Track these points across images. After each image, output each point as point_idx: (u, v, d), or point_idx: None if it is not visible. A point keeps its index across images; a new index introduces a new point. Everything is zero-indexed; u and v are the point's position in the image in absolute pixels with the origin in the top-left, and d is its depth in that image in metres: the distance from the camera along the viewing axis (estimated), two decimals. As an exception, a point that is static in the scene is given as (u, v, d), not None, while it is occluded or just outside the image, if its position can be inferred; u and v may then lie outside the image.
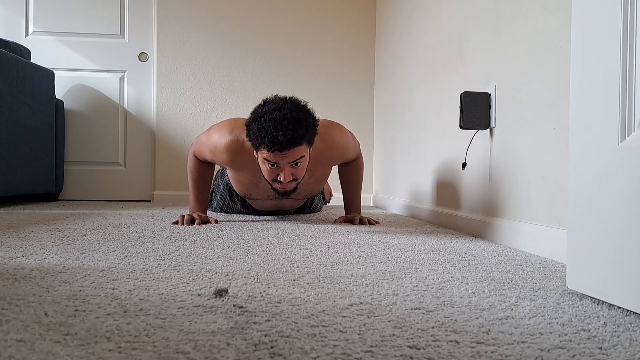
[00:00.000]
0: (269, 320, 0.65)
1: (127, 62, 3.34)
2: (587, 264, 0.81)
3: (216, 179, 2.31)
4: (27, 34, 3.27)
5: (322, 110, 3.18)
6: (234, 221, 1.99)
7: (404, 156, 2.70)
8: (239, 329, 0.61)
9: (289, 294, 0.80)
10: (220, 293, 0.78)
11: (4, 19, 3.25)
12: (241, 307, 0.71)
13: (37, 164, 2.80)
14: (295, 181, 1.75)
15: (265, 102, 1.68)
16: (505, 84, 1.54)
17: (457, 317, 0.69)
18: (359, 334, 0.61)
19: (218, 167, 2.34)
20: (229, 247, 1.30)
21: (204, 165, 2.01)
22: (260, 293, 0.80)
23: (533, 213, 1.36)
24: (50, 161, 2.96)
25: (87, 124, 3.33)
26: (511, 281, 0.94)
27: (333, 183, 3.10)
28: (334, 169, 2.12)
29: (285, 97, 1.69)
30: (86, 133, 3.33)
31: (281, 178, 1.68)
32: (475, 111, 1.63)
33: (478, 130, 1.67)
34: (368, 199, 3.45)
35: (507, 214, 1.50)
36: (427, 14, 2.32)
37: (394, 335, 0.61)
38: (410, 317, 0.69)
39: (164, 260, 1.08)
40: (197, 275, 0.93)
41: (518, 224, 1.41)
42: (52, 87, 2.98)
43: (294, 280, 0.90)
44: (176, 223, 1.84)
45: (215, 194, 2.31)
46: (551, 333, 0.63)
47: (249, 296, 0.78)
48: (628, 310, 0.74)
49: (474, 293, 0.83)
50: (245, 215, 2.25)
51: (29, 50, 2.96)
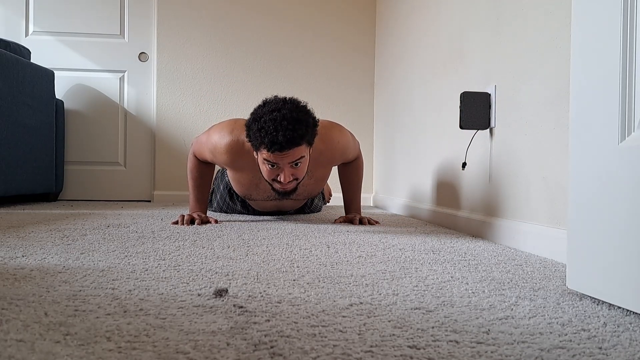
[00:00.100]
0: (269, 320, 0.65)
1: (127, 62, 3.34)
2: (587, 264, 0.81)
3: (216, 179, 2.31)
4: (27, 34, 3.27)
5: (322, 110, 3.18)
6: (234, 221, 1.99)
7: (404, 156, 2.70)
8: (239, 329, 0.61)
9: (289, 294, 0.80)
10: (220, 293, 0.78)
11: (4, 19, 3.25)
12: (241, 307, 0.71)
13: (37, 164, 2.80)
14: (296, 181, 1.75)
15: (265, 103, 1.68)
16: (505, 84, 1.54)
17: (457, 317, 0.69)
18: (359, 334, 0.61)
19: (218, 168, 2.34)
20: (229, 247, 1.30)
21: (204, 166, 2.01)
22: (260, 293, 0.80)
23: (533, 213, 1.36)
24: (50, 161, 2.96)
25: (87, 124, 3.33)
26: (511, 281, 0.94)
27: (333, 183, 3.10)
28: (334, 169, 2.12)
29: (285, 98, 1.68)
30: (86, 133, 3.33)
31: (281, 178, 1.68)
32: (475, 111, 1.63)
33: (478, 130, 1.67)
34: (368, 199, 3.45)
35: (507, 214, 1.50)
36: (427, 14, 2.32)
37: (394, 335, 0.61)
38: (410, 317, 0.69)
39: (164, 260, 1.08)
40: (197, 275, 0.93)
41: (518, 224, 1.41)
42: (52, 87, 2.98)
43: (294, 280, 0.90)
44: (176, 223, 1.84)
45: (215, 194, 2.31)
46: (551, 333, 0.63)
47: (249, 296, 0.78)
48: (628, 310, 0.74)
49: (474, 293, 0.84)
50: (245, 215, 2.25)
51: (29, 50, 2.96)
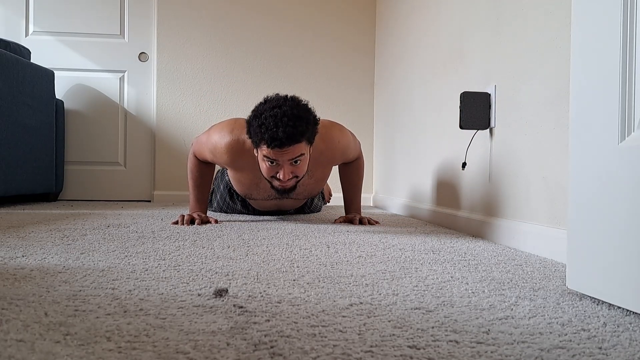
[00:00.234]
0: (269, 320, 0.65)
1: (127, 62, 3.34)
2: (587, 264, 0.81)
3: (216, 179, 2.31)
4: (27, 34, 3.27)
5: (322, 110, 3.17)
6: (234, 221, 1.99)
7: (404, 156, 2.70)
8: (239, 329, 0.61)
9: (289, 294, 0.80)
10: (220, 293, 0.78)
11: (4, 19, 3.25)
12: (241, 307, 0.71)
13: (37, 164, 2.80)
14: (295, 179, 1.74)
15: (267, 100, 1.68)
16: (505, 84, 1.54)
17: (457, 317, 0.69)
18: (359, 334, 0.61)
19: (218, 167, 2.34)
20: (229, 247, 1.30)
21: (204, 166, 2.01)
22: (260, 293, 0.80)
23: (533, 213, 1.36)
24: (50, 161, 2.96)
25: (87, 124, 3.33)
26: (511, 281, 0.94)
27: (333, 183, 3.10)
28: (335, 168, 2.12)
29: (287, 95, 1.69)
30: (86, 133, 3.33)
31: (280, 176, 1.68)
32: (475, 111, 1.63)
33: (478, 130, 1.67)
34: (368, 199, 3.45)
35: (507, 214, 1.50)
36: (427, 14, 2.32)
37: (394, 335, 0.61)
38: (410, 317, 0.69)
39: (164, 260, 1.08)
40: (197, 275, 0.93)
41: (518, 224, 1.41)
42: (52, 87, 2.98)
43: (294, 280, 0.90)
44: (176, 223, 1.84)
45: (215, 194, 2.31)
46: (551, 333, 0.63)
47: (249, 296, 0.78)
48: (628, 310, 0.74)
49: (473, 293, 0.84)
50: (245, 215, 2.25)
51: (29, 50, 2.96)
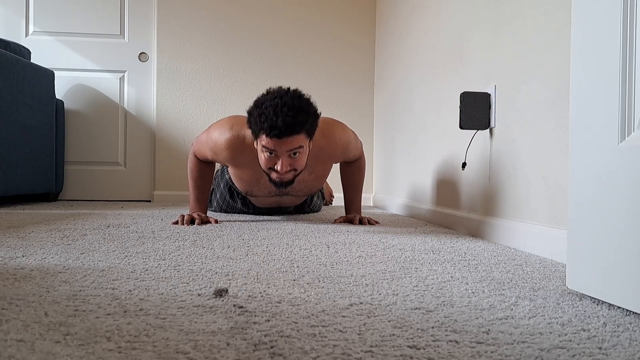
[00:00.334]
0: (269, 320, 0.65)
1: (127, 62, 3.34)
2: (587, 264, 0.81)
3: (216, 178, 2.31)
4: (27, 34, 3.26)
5: (322, 110, 3.14)
6: (234, 221, 1.99)
7: (403, 156, 2.70)
8: (239, 329, 0.61)
9: (289, 294, 0.80)
10: (220, 293, 0.78)
11: (4, 19, 3.25)
12: (241, 307, 0.71)
13: (37, 164, 2.80)
14: (294, 172, 1.74)
15: (268, 92, 1.69)
16: (505, 84, 1.54)
17: (457, 317, 0.69)
18: (359, 334, 0.61)
19: (218, 167, 2.34)
20: (229, 247, 1.30)
21: (204, 165, 2.01)
22: (260, 293, 0.80)
23: (533, 213, 1.36)
24: (50, 161, 2.96)
25: (87, 124, 3.33)
26: (511, 281, 0.94)
27: (333, 183, 3.11)
28: (336, 168, 2.12)
29: (289, 88, 1.70)
30: (86, 133, 3.33)
31: (278, 167, 1.68)
32: (475, 111, 1.63)
33: (478, 130, 1.67)
34: (368, 199, 3.45)
35: (507, 214, 1.50)
36: (427, 14, 2.32)
37: (394, 335, 0.61)
38: (410, 317, 0.69)
39: (164, 260, 1.08)
40: (197, 275, 0.93)
41: (518, 223, 1.41)
42: (52, 87, 2.98)
43: (294, 280, 0.90)
44: (176, 223, 1.84)
45: (215, 193, 2.31)
46: (551, 333, 0.63)
47: (249, 296, 0.78)
48: (628, 310, 0.74)
49: (473, 293, 0.84)
50: (245, 215, 2.25)
51: (29, 50, 2.96)
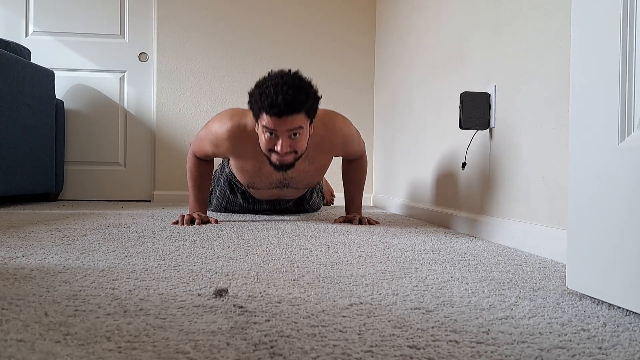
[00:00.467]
0: (269, 320, 0.65)
1: (127, 62, 3.34)
2: (587, 264, 0.81)
3: (214, 177, 2.31)
4: (27, 34, 3.26)
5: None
6: (234, 221, 1.99)
7: (403, 156, 2.70)
8: (239, 329, 0.61)
9: (289, 294, 0.80)
10: (220, 293, 0.78)
11: (4, 19, 3.25)
12: (241, 307, 0.71)
13: (37, 164, 2.80)
14: (294, 154, 1.73)
15: (270, 74, 1.71)
16: (505, 84, 1.54)
17: (457, 317, 0.69)
18: (359, 334, 0.61)
19: (216, 168, 2.34)
20: (229, 247, 1.30)
21: (203, 165, 2.01)
22: (260, 293, 0.80)
23: (533, 213, 1.36)
24: (50, 161, 2.96)
25: (87, 124, 3.33)
26: (511, 281, 0.94)
27: (334, 183, 3.11)
28: (337, 168, 2.12)
29: (290, 69, 1.71)
30: (86, 133, 3.33)
31: (278, 147, 1.67)
32: (475, 111, 1.63)
33: (478, 130, 1.67)
34: (368, 198, 3.45)
35: (507, 214, 1.50)
36: (427, 14, 2.32)
37: (393, 335, 0.61)
38: (410, 317, 0.69)
39: (164, 260, 1.08)
40: (197, 275, 0.93)
41: (518, 223, 1.41)
42: (52, 87, 2.98)
43: (294, 280, 0.90)
44: (176, 223, 1.84)
45: (214, 191, 2.32)
46: (551, 333, 0.63)
47: (249, 296, 0.78)
48: (628, 310, 0.74)
49: (473, 293, 0.84)
50: (245, 215, 2.25)
51: (29, 50, 2.96)
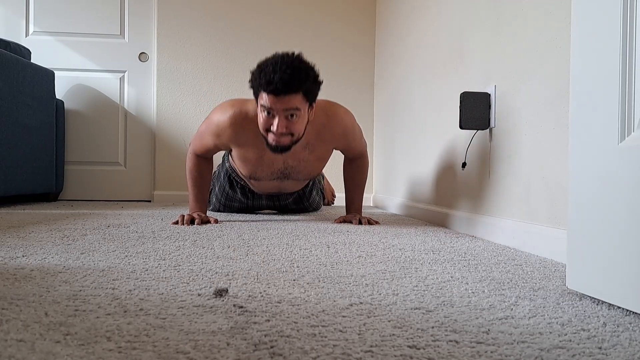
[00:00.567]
0: (269, 320, 0.65)
1: (127, 62, 3.34)
2: (586, 264, 0.81)
3: (213, 178, 2.31)
4: (27, 34, 3.26)
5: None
6: (234, 221, 1.99)
7: (404, 156, 2.70)
8: (239, 329, 0.61)
9: (289, 294, 0.80)
10: (220, 293, 0.78)
11: (4, 19, 3.25)
12: (241, 307, 0.71)
13: (37, 164, 2.80)
14: (290, 137, 1.73)
15: (273, 55, 1.72)
16: (505, 84, 1.54)
17: (457, 317, 0.69)
18: (359, 334, 0.61)
19: (215, 169, 2.34)
20: (229, 247, 1.30)
21: (203, 164, 2.01)
22: (260, 293, 0.80)
23: (533, 213, 1.36)
24: (50, 161, 2.96)
25: (87, 124, 3.33)
26: (511, 281, 0.94)
27: (335, 183, 3.11)
28: (338, 167, 2.12)
29: (293, 52, 1.72)
30: (86, 133, 3.33)
31: (274, 127, 1.68)
32: (475, 111, 1.63)
33: (478, 130, 1.67)
34: (368, 198, 3.45)
35: (507, 214, 1.50)
36: (427, 14, 2.32)
37: (394, 335, 0.61)
38: (410, 317, 0.69)
39: (164, 260, 1.08)
40: (197, 275, 0.93)
41: (518, 223, 1.41)
42: (52, 87, 2.98)
43: (294, 280, 0.90)
44: (176, 223, 1.84)
45: (213, 190, 2.32)
46: (551, 333, 0.63)
47: (249, 296, 0.78)
48: (628, 310, 0.74)
49: (473, 293, 0.84)
50: (245, 215, 2.25)
51: (29, 50, 2.96)
